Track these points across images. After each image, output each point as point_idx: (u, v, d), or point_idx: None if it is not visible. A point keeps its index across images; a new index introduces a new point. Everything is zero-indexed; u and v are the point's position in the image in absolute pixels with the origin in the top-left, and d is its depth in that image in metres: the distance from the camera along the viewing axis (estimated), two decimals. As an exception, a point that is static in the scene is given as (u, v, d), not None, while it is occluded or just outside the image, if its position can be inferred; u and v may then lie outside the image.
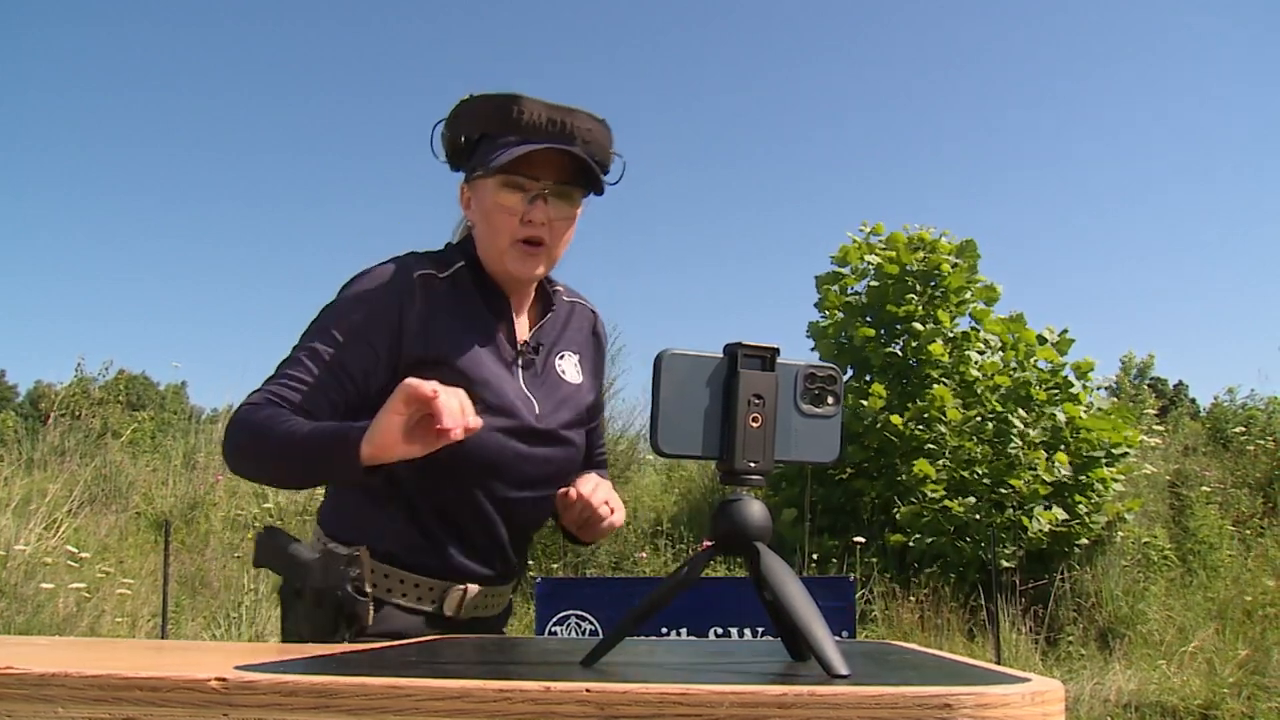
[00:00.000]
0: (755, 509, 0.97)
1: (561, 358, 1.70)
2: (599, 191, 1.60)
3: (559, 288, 1.75)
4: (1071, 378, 9.11)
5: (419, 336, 1.55)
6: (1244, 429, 11.70)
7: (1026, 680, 0.80)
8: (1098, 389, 9.58)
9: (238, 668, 0.83)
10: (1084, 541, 8.39)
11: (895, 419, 8.59)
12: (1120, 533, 8.60)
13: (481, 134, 1.57)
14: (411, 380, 1.29)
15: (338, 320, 1.55)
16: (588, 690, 0.74)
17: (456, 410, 1.28)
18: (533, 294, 1.71)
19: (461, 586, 1.61)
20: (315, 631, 1.44)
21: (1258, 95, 24.60)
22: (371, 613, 1.47)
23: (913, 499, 8.39)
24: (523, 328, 1.68)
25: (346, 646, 1.25)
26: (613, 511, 1.66)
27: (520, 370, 1.63)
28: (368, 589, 1.46)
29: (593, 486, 1.64)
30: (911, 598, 7.65)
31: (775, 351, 0.97)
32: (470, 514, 1.60)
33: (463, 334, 1.58)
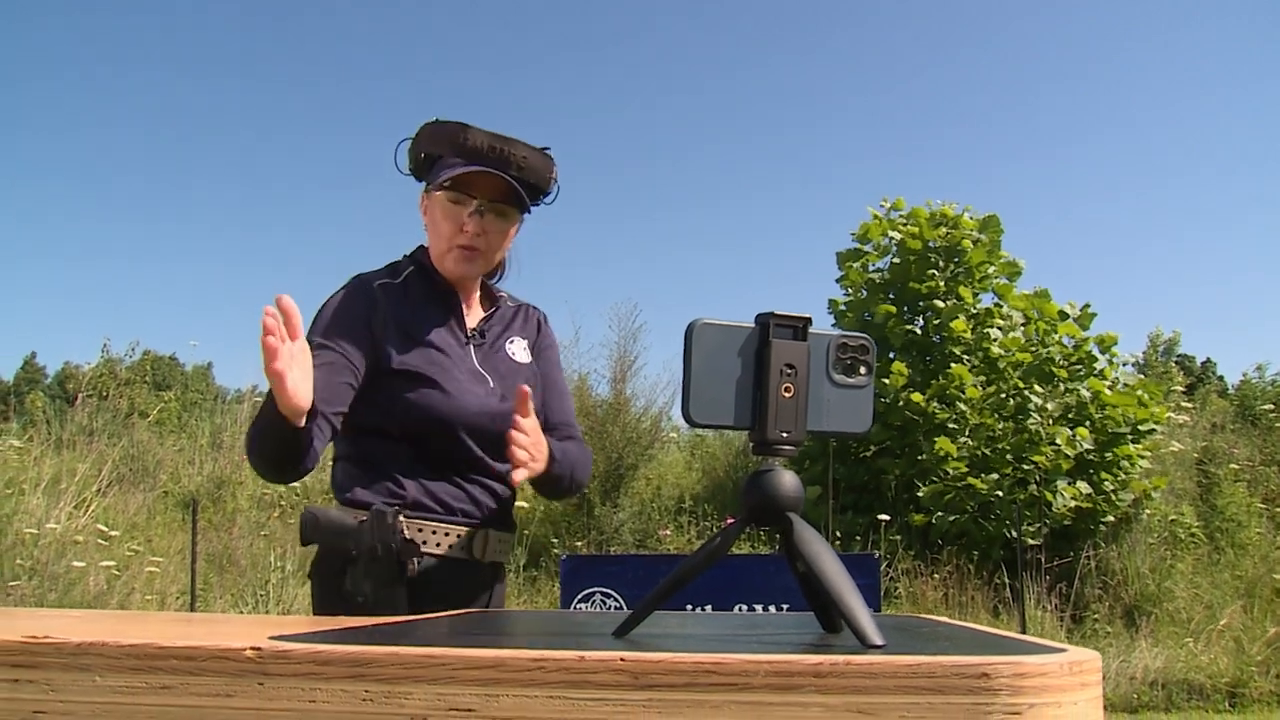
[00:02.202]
0: (787, 480, 0.96)
1: (511, 342, 1.97)
2: (526, 210, 1.90)
3: (504, 294, 2.04)
4: (1096, 352, 9.03)
5: (388, 331, 1.82)
6: (1273, 406, 11.58)
7: (1063, 650, 0.79)
8: (1124, 365, 9.50)
9: (272, 637, 0.83)
10: (1110, 519, 8.34)
11: (916, 397, 8.55)
12: (1147, 510, 8.54)
13: (437, 154, 1.85)
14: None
15: (323, 330, 1.79)
16: (622, 659, 0.74)
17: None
18: (478, 292, 2.00)
19: (485, 530, 1.85)
20: (377, 586, 1.68)
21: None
22: (417, 562, 1.72)
23: (934, 477, 8.36)
24: (472, 319, 1.95)
25: (378, 619, 1.27)
26: (531, 458, 1.75)
27: (473, 350, 1.90)
28: (411, 538, 1.73)
29: (532, 427, 1.78)
30: (935, 575, 7.64)
31: (807, 321, 0.96)
32: (469, 468, 1.84)
33: (422, 324, 1.86)
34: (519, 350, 1.97)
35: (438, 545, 1.79)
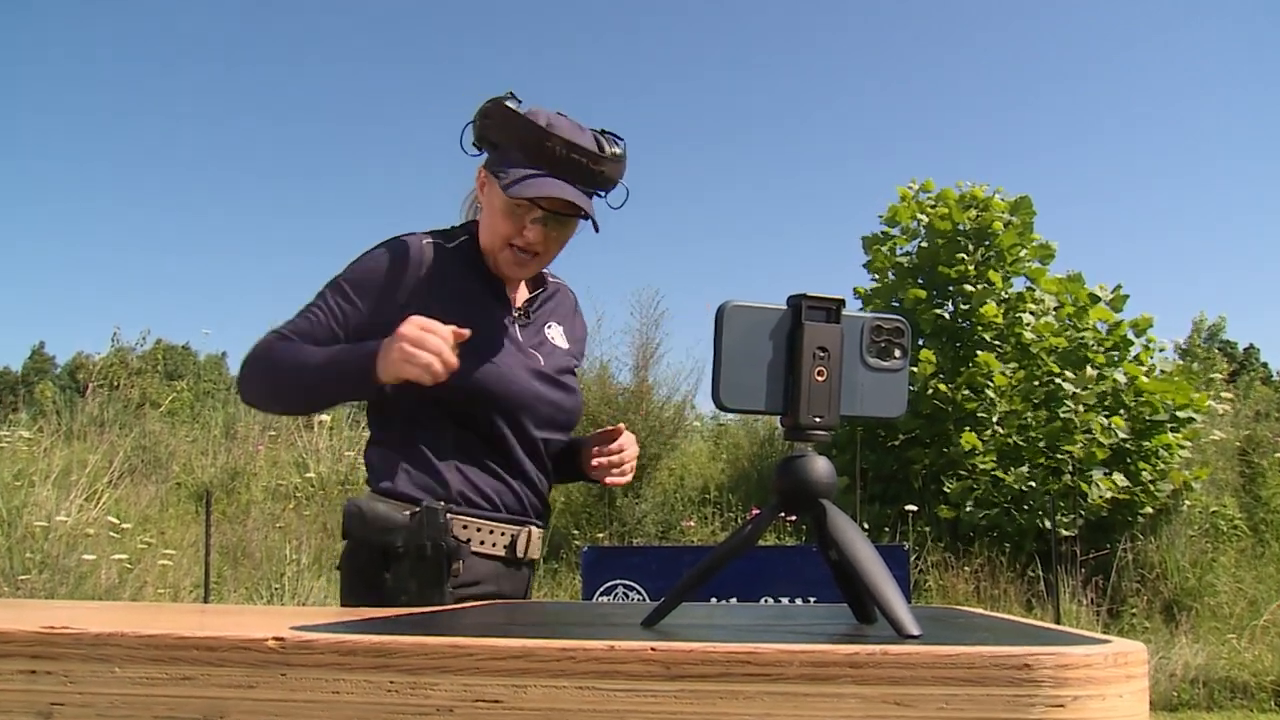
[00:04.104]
0: (820, 465, 0.96)
1: (550, 326, 1.97)
2: (595, 228, 1.84)
3: (544, 271, 2.02)
4: (1131, 336, 8.96)
5: (431, 296, 1.79)
6: (1319, 393, 11.46)
7: (1107, 642, 0.78)
8: (1160, 351, 9.41)
9: (294, 628, 0.84)
10: (1148, 510, 8.28)
11: (942, 386, 8.52)
12: (1187, 501, 8.47)
13: (509, 144, 1.78)
14: (416, 318, 1.63)
15: (348, 280, 1.82)
16: (653, 649, 0.74)
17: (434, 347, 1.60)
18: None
19: (527, 527, 1.85)
20: (422, 585, 1.67)
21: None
22: (462, 564, 1.72)
23: (963, 471, 8.33)
24: (518, 297, 1.95)
25: (401, 610, 1.28)
26: (625, 475, 1.98)
27: (518, 330, 1.89)
28: (459, 537, 1.73)
29: (633, 443, 1.98)
30: (966, 567, 7.61)
31: (840, 303, 0.95)
32: (514, 454, 1.83)
33: (468, 297, 1.84)
34: (558, 335, 1.98)
35: (482, 543, 1.78)
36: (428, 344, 1.60)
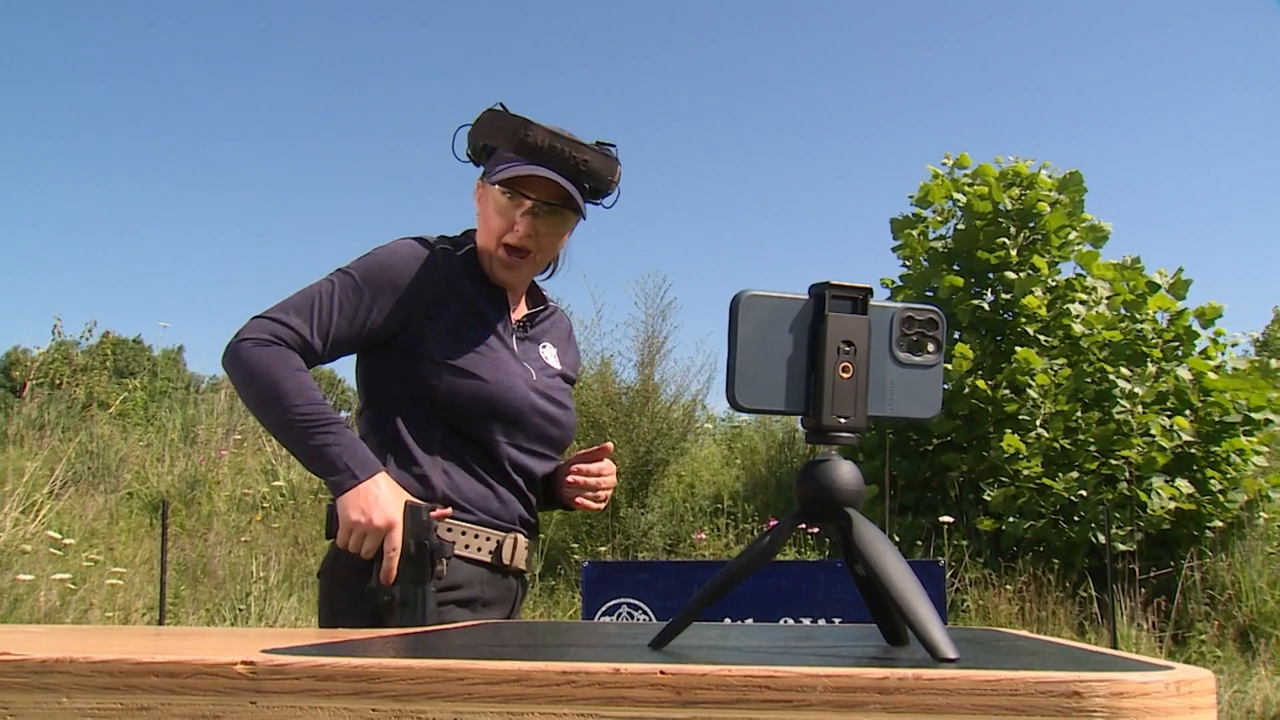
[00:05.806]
0: (846, 470, 0.96)
1: (545, 347, 2.19)
2: (582, 214, 2.07)
3: (544, 291, 2.28)
4: (1197, 327, 8.94)
5: (433, 301, 2.00)
6: None
7: (1168, 668, 0.78)
8: (1233, 346, 9.37)
9: (265, 651, 0.84)
10: (1217, 524, 8.25)
11: (981, 383, 8.51)
12: (1263, 513, 8.43)
13: (496, 145, 2.03)
14: (396, 535, 1.82)
15: (363, 275, 1.98)
16: (662, 672, 0.75)
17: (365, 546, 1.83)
18: (526, 285, 2.22)
19: (513, 534, 2.03)
20: (406, 585, 1.81)
21: None
22: (446, 564, 1.87)
23: (1004, 478, 8.31)
24: (517, 312, 2.17)
25: (382, 631, 1.29)
26: (598, 501, 2.19)
27: (515, 342, 2.10)
28: (443, 538, 1.89)
29: (613, 471, 2.18)
30: (1009, 585, 7.60)
31: (868, 292, 0.96)
32: (502, 462, 2.02)
33: (472, 305, 2.04)
34: (552, 357, 2.19)
35: (466, 547, 1.96)
36: (367, 542, 1.82)
